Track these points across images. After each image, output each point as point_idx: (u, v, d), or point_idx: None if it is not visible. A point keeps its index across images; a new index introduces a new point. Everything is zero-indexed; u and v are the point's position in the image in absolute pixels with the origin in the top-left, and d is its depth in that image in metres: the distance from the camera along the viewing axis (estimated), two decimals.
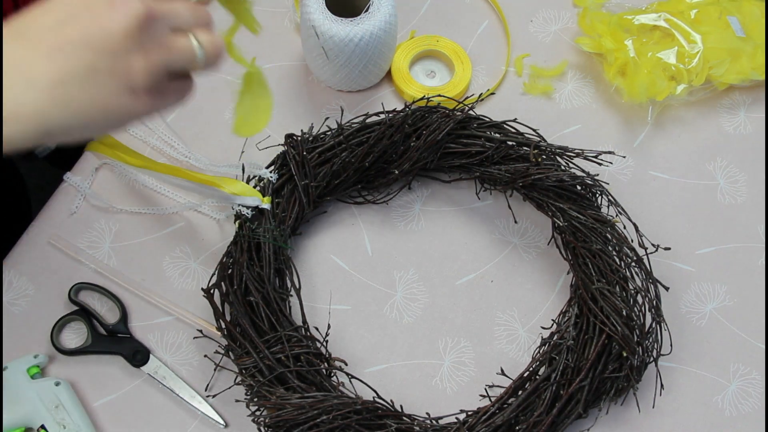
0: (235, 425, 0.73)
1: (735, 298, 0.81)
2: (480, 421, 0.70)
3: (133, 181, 0.83)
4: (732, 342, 0.79)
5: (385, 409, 0.70)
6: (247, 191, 0.78)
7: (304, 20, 0.82)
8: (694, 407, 0.77)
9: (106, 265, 0.79)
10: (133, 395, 0.74)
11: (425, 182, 0.85)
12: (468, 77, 0.89)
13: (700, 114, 0.91)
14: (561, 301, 0.80)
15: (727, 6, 0.91)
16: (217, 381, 0.75)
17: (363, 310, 0.79)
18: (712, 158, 0.89)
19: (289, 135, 0.80)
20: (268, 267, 0.75)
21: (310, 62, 0.88)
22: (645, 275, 0.74)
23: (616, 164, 0.87)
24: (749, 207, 0.86)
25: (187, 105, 0.87)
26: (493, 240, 0.83)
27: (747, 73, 0.88)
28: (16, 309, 0.77)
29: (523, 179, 0.77)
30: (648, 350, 0.72)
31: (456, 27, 0.94)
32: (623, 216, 0.78)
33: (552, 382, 0.71)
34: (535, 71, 0.91)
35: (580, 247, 0.76)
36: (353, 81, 0.87)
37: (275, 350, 0.70)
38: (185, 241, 0.81)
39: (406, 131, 0.80)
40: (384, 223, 0.83)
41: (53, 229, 0.81)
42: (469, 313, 0.80)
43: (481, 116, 0.82)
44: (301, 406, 0.66)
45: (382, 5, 0.82)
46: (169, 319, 0.78)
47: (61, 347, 0.75)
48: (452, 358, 0.78)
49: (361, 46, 0.81)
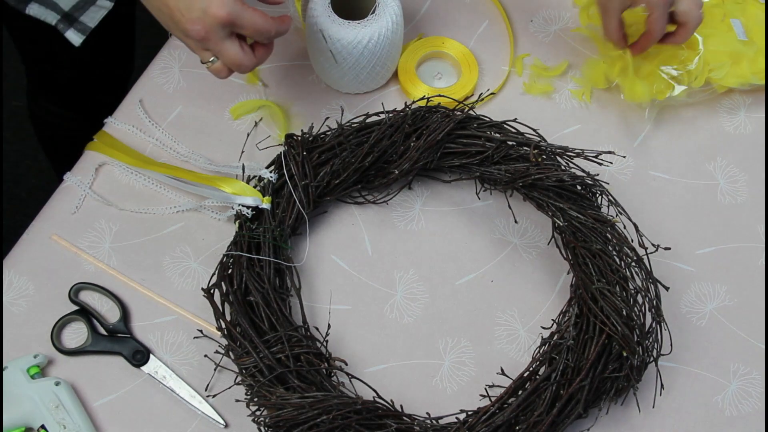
0: (235, 425, 0.73)
1: (735, 298, 0.81)
2: (480, 421, 0.70)
3: (133, 181, 0.83)
4: (732, 342, 0.79)
5: (385, 409, 0.70)
6: (247, 191, 0.78)
7: (310, 24, 0.82)
8: (694, 407, 0.77)
9: (106, 265, 0.79)
10: (133, 395, 0.74)
11: (425, 182, 0.85)
12: (475, 79, 0.89)
13: (700, 114, 0.91)
14: (561, 301, 0.80)
15: (731, 8, 0.90)
16: (217, 381, 0.75)
17: (363, 310, 0.79)
18: (712, 158, 0.89)
19: (289, 135, 0.80)
20: (268, 267, 0.75)
21: (317, 66, 0.88)
22: (645, 275, 0.74)
23: (616, 164, 0.87)
24: (749, 207, 0.86)
25: (186, 105, 0.87)
26: (493, 240, 0.83)
27: (747, 77, 0.88)
28: (16, 309, 0.77)
29: (523, 179, 0.77)
30: (648, 350, 0.72)
31: (456, 27, 0.94)
32: (623, 216, 0.78)
33: (552, 382, 0.70)
34: (535, 71, 0.91)
35: (580, 247, 0.76)
36: (361, 83, 0.87)
37: (275, 350, 0.70)
38: (185, 241, 0.81)
39: (406, 131, 0.80)
40: (384, 223, 0.83)
41: (54, 228, 0.81)
42: (469, 313, 0.80)
43: (481, 116, 0.82)
44: (301, 406, 0.66)
45: (388, 6, 0.82)
46: (169, 319, 0.78)
47: (61, 347, 0.75)
48: (452, 358, 0.78)
49: (370, 47, 0.81)
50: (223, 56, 0.69)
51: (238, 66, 0.70)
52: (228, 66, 0.70)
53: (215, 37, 0.67)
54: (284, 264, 0.76)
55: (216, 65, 0.70)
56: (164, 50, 0.91)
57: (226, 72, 0.71)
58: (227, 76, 0.72)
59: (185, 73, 0.89)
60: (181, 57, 0.90)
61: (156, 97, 0.88)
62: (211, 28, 0.66)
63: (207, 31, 0.66)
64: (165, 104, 0.88)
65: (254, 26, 0.67)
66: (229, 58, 0.69)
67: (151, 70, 0.89)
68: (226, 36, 0.67)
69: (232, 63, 0.69)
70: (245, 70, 0.70)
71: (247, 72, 0.71)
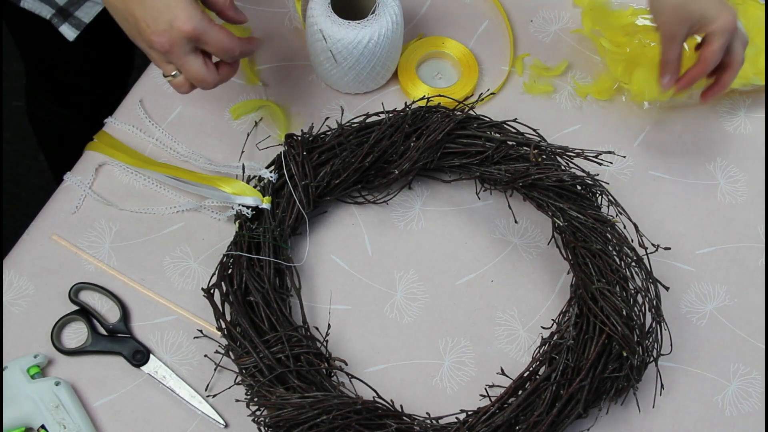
0: (235, 425, 0.73)
1: (735, 298, 0.82)
2: (480, 421, 0.70)
3: (133, 181, 0.83)
4: (732, 342, 0.80)
5: (385, 409, 0.70)
6: (247, 191, 0.78)
7: (310, 25, 0.82)
8: (694, 407, 0.77)
9: (106, 265, 0.79)
10: (133, 395, 0.74)
11: (425, 182, 0.85)
12: (475, 79, 0.89)
13: (700, 114, 0.91)
14: (561, 301, 0.80)
15: None
16: (217, 381, 0.75)
17: (363, 310, 0.79)
18: (712, 158, 0.89)
19: (289, 135, 0.80)
20: (268, 267, 0.75)
21: (317, 66, 0.87)
22: (645, 275, 0.74)
23: (616, 164, 0.87)
24: (749, 207, 0.86)
25: (186, 105, 0.87)
26: (493, 240, 0.83)
27: (748, 77, 0.88)
28: (16, 309, 0.77)
29: (523, 179, 0.77)
30: (648, 350, 0.72)
31: (456, 27, 0.94)
32: (623, 216, 0.78)
33: (552, 382, 0.70)
34: (535, 71, 0.91)
35: (580, 247, 0.76)
36: (361, 83, 0.87)
37: (275, 350, 0.70)
38: (185, 241, 0.81)
39: (406, 131, 0.80)
40: (384, 223, 0.83)
41: (54, 228, 0.81)
42: (469, 313, 0.80)
43: (481, 116, 0.82)
44: (301, 406, 0.66)
45: (388, 6, 0.81)
46: (169, 319, 0.78)
47: (61, 347, 0.75)
48: (452, 358, 0.78)
49: (370, 47, 0.81)
50: (185, 71, 0.68)
51: (201, 82, 0.69)
52: (190, 81, 0.70)
53: (179, 51, 0.67)
54: (284, 264, 0.76)
55: (178, 79, 0.70)
56: None
57: (187, 87, 0.71)
58: (189, 91, 0.71)
59: None
60: None
61: (156, 97, 0.88)
62: (175, 41, 0.66)
63: (171, 44, 0.66)
64: (165, 104, 0.88)
65: (219, 44, 0.67)
66: (192, 73, 0.68)
67: (151, 70, 0.89)
68: (190, 51, 0.67)
69: (195, 78, 0.69)
70: (207, 86, 0.70)
71: (209, 89, 0.71)
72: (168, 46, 0.66)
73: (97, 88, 1.13)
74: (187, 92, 0.71)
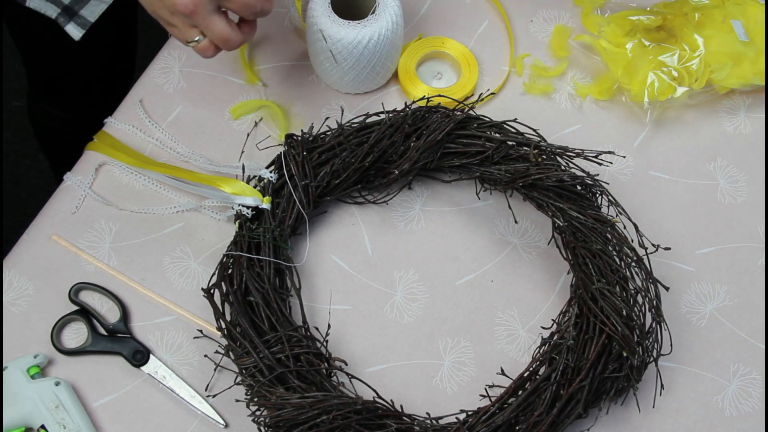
0: (235, 425, 0.73)
1: (735, 298, 0.82)
2: (480, 421, 0.70)
3: (133, 181, 0.83)
4: (732, 342, 0.80)
5: (385, 409, 0.70)
6: (247, 191, 0.78)
7: (310, 24, 0.82)
8: (694, 407, 0.77)
9: (106, 265, 0.79)
10: (133, 395, 0.74)
11: (425, 182, 0.85)
12: (475, 79, 0.89)
13: (700, 114, 0.91)
14: (561, 301, 0.80)
15: (732, 9, 0.90)
16: (217, 381, 0.75)
17: (363, 310, 0.79)
18: (712, 158, 0.89)
19: (289, 135, 0.80)
20: (268, 267, 0.75)
21: (317, 66, 0.88)
22: (645, 275, 0.74)
23: (616, 164, 0.87)
24: (749, 207, 0.86)
25: (186, 105, 0.87)
26: (493, 240, 0.83)
27: (748, 78, 0.88)
28: (16, 309, 0.77)
29: (523, 179, 0.77)
30: (648, 350, 0.72)
31: (456, 27, 0.94)
32: (623, 216, 0.78)
33: (552, 382, 0.71)
34: (535, 71, 0.91)
35: (580, 247, 0.76)
36: (361, 83, 0.87)
37: (275, 350, 0.70)
38: (185, 241, 0.81)
39: (406, 131, 0.80)
40: (384, 223, 0.83)
41: (53, 228, 0.81)
42: (469, 313, 0.80)
43: (481, 116, 0.82)
44: (301, 406, 0.66)
45: (388, 6, 0.81)
46: (169, 319, 0.78)
47: (61, 347, 0.75)
48: (452, 358, 0.78)
49: (370, 47, 0.81)
50: (210, 31, 0.68)
51: (225, 42, 0.69)
52: (215, 42, 0.69)
53: (203, 11, 0.66)
54: (284, 264, 0.76)
55: (203, 43, 0.70)
56: (164, 50, 0.91)
57: (213, 50, 0.70)
58: (214, 54, 0.71)
59: (185, 73, 0.89)
60: (181, 57, 0.90)
61: (156, 97, 0.88)
62: (199, 1, 0.66)
63: (195, 4, 0.66)
64: (165, 104, 0.88)
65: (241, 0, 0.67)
66: (217, 33, 0.68)
67: (151, 70, 0.89)
68: (213, 10, 0.67)
69: (220, 38, 0.69)
70: (232, 46, 0.69)
71: (234, 49, 0.70)
72: (192, 6, 0.66)
73: (99, 88, 1.13)
74: (212, 56, 0.71)
